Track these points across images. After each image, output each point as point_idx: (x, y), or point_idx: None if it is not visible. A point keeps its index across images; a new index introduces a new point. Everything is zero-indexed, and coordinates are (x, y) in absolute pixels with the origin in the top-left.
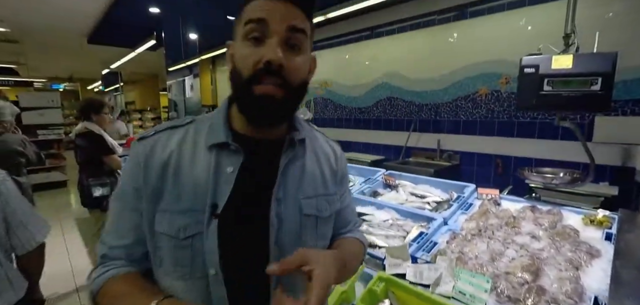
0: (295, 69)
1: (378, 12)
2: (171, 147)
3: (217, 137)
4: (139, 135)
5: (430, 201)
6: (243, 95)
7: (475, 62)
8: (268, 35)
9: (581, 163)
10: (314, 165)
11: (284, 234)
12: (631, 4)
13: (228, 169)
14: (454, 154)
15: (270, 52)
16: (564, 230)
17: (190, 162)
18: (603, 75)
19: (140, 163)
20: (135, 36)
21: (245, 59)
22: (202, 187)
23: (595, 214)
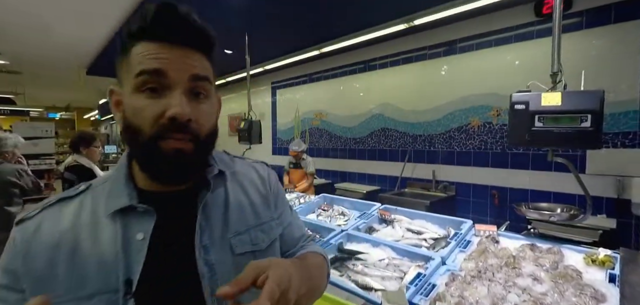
0: (203, 118)
1: (371, 47)
2: (63, 224)
3: (119, 200)
4: (20, 216)
5: (427, 238)
6: (147, 153)
7: (466, 94)
8: (168, 87)
9: (577, 195)
10: (240, 196)
11: (219, 282)
12: (612, 43)
13: (138, 236)
14: (449, 184)
15: (175, 106)
16: (566, 272)
17: (91, 237)
18: (592, 112)
19: (18, 252)
20: None
21: (142, 113)
22: (111, 264)
23: (597, 253)
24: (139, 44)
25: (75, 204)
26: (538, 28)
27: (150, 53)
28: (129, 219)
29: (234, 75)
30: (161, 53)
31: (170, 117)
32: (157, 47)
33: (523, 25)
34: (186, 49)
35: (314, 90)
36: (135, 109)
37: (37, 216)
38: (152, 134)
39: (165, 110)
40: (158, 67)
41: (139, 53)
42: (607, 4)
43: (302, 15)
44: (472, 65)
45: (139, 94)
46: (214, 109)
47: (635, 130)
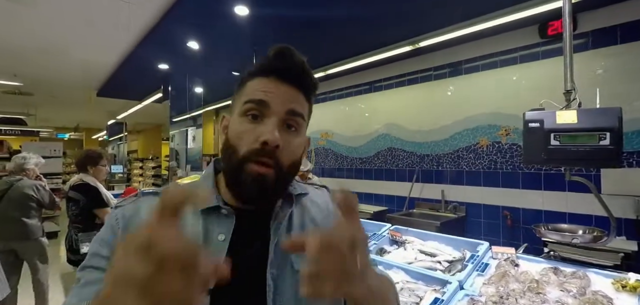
0: (290, 150)
1: (376, 69)
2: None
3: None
4: (118, 202)
5: (441, 260)
6: (235, 171)
7: (473, 114)
8: (267, 115)
9: (593, 215)
10: (304, 216)
11: (281, 296)
12: (619, 63)
13: (219, 237)
14: (459, 205)
15: (268, 132)
16: (596, 298)
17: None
18: (610, 130)
19: (117, 228)
20: (143, 89)
21: (241, 135)
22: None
23: (627, 277)
24: (255, 79)
25: None
26: (543, 49)
27: (260, 87)
28: (211, 220)
29: None
30: (269, 87)
31: (263, 142)
32: (267, 82)
33: (528, 47)
34: (291, 87)
35: (320, 110)
36: (236, 131)
37: (135, 202)
38: (243, 155)
39: (259, 136)
40: (263, 98)
41: (252, 86)
42: (613, 25)
43: (308, 38)
44: (478, 86)
45: (243, 118)
46: (301, 144)
47: None
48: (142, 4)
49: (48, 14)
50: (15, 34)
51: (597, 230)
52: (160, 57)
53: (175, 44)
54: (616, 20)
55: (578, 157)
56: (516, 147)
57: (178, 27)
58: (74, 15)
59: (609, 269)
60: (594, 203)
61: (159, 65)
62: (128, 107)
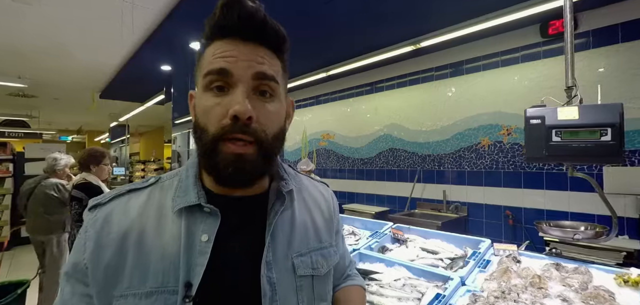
0: (267, 118)
1: (377, 69)
2: (131, 214)
3: (186, 198)
4: (93, 201)
5: (443, 258)
6: (209, 154)
7: (474, 114)
8: (232, 85)
9: (595, 214)
10: (305, 216)
11: (279, 303)
12: (621, 62)
13: (202, 237)
14: (461, 205)
15: (236, 103)
16: (598, 293)
17: (156, 231)
18: (611, 125)
19: (90, 238)
20: (146, 91)
21: (208, 112)
22: (172, 262)
23: (629, 273)
24: (211, 44)
25: (144, 195)
26: (544, 48)
27: (219, 52)
28: (195, 218)
29: None
30: (228, 51)
31: (232, 116)
32: (225, 44)
33: (529, 46)
34: (254, 46)
35: (321, 111)
36: (202, 109)
37: (108, 204)
38: (214, 135)
39: (228, 110)
40: (223, 66)
41: (210, 54)
42: (614, 24)
43: (311, 39)
44: (480, 86)
45: (207, 93)
46: (281, 111)
47: None
48: (145, 5)
49: (52, 16)
50: (19, 35)
51: (599, 226)
52: (163, 58)
53: (177, 45)
54: (617, 20)
55: (579, 153)
56: (518, 147)
57: (181, 28)
58: (78, 16)
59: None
60: (596, 202)
61: (161, 67)
62: (130, 109)
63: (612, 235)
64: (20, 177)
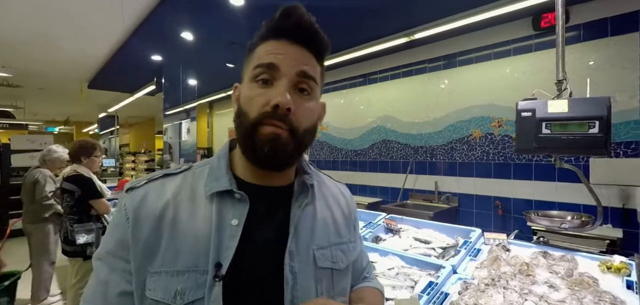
0: (303, 113)
1: (371, 61)
2: (166, 196)
3: (219, 184)
4: (128, 185)
5: (435, 247)
6: (248, 136)
7: (466, 106)
8: (277, 78)
9: (581, 204)
10: (325, 211)
11: (299, 292)
12: (610, 55)
13: (233, 222)
14: (452, 196)
15: (279, 94)
16: (583, 279)
17: (189, 213)
18: (599, 118)
19: (128, 217)
20: (136, 81)
21: (251, 100)
22: (204, 243)
23: (612, 260)
24: (263, 43)
25: (177, 180)
26: (536, 41)
27: (270, 50)
28: (225, 203)
29: None
30: (278, 49)
31: (274, 105)
32: (276, 44)
33: (521, 39)
34: (301, 48)
35: None
36: (247, 97)
37: (144, 186)
38: (255, 119)
39: (270, 99)
40: (271, 61)
41: (261, 50)
42: (603, 18)
43: None
44: (472, 78)
45: (253, 83)
46: (315, 110)
47: (638, 140)
48: None
49: (37, 3)
50: (3, 23)
51: (585, 216)
52: (154, 48)
53: (168, 34)
54: (607, 13)
55: (568, 145)
56: (508, 139)
57: (172, 17)
58: (65, 4)
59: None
60: (582, 192)
61: (151, 57)
62: (120, 99)
63: (597, 224)
64: (7, 169)
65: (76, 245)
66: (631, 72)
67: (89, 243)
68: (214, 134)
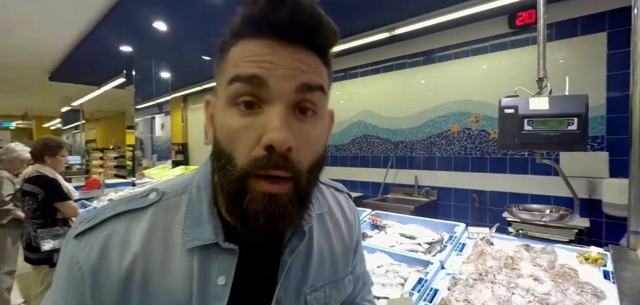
0: (308, 146)
1: (351, 55)
2: (133, 247)
3: (200, 232)
4: (78, 228)
5: (421, 242)
6: (235, 192)
7: (445, 102)
8: (267, 101)
9: (552, 196)
10: (322, 244)
11: None
12: (579, 54)
13: (219, 280)
14: (431, 189)
15: (273, 129)
16: (564, 271)
17: (162, 269)
18: (578, 115)
19: (84, 278)
20: (103, 74)
21: (234, 137)
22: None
23: (589, 251)
24: (240, 42)
25: (147, 220)
26: (512, 39)
27: (249, 54)
28: (209, 255)
29: (211, 82)
30: (264, 55)
31: (268, 146)
32: (260, 46)
33: (498, 36)
34: (298, 49)
35: None
36: (227, 130)
37: (101, 228)
38: (243, 169)
39: (261, 136)
40: (256, 72)
41: (237, 54)
42: (573, 18)
43: None
44: (451, 74)
45: (233, 108)
46: (324, 132)
47: (603, 135)
48: None
49: None
50: None
51: (562, 209)
52: (123, 38)
53: (139, 24)
54: (577, 13)
55: (548, 141)
56: (485, 134)
57: (143, 5)
58: None
59: (572, 244)
60: (553, 184)
61: (121, 48)
62: (85, 92)
63: (574, 216)
64: None
65: (41, 252)
66: (598, 71)
67: (55, 249)
68: (189, 129)
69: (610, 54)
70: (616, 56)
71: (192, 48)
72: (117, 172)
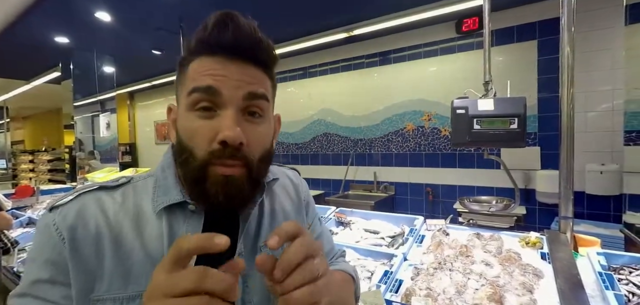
0: (257, 142)
1: (310, 54)
2: (105, 214)
3: (168, 197)
4: (52, 203)
5: (384, 236)
6: (197, 179)
7: (400, 101)
8: (221, 105)
9: (494, 187)
10: (273, 203)
11: (251, 293)
12: (514, 59)
13: None
14: (389, 185)
15: (226, 128)
16: (510, 255)
17: (135, 230)
18: (518, 116)
19: (63, 236)
20: (34, 67)
21: (194, 134)
22: (155, 263)
23: (529, 236)
24: (196, 59)
25: (117, 196)
26: (459, 43)
27: (205, 69)
28: (177, 218)
29: (161, 78)
30: (216, 69)
31: (221, 141)
32: (213, 62)
33: (446, 40)
34: (244, 64)
35: None
36: (188, 130)
37: (74, 201)
38: (203, 160)
39: (217, 133)
40: (211, 84)
41: (195, 69)
42: (510, 26)
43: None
44: (405, 74)
45: (192, 113)
46: (270, 131)
47: (536, 132)
48: None
49: None
50: None
51: (506, 200)
52: (58, 28)
53: (78, 13)
54: (514, 22)
55: (494, 139)
56: (436, 131)
57: None
58: None
59: (512, 230)
60: (496, 177)
61: (56, 38)
62: (11, 87)
63: (516, 204)
64: None
65: None
66: (531, 74)
67: None
68: (137, 129)
69: (540, 59)
70: (544, 62)
71: (140, 42)
72: (51, 176)
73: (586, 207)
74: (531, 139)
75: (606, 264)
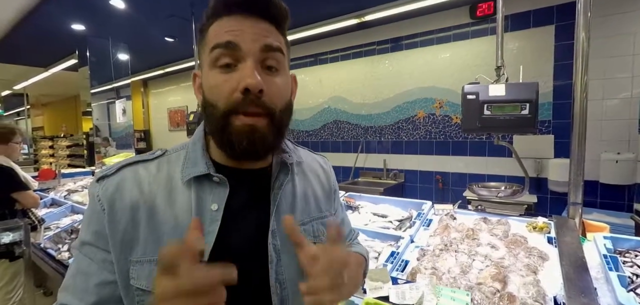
0: (277, 92)
1: (322, 41)
2: (141, 185)
3: (195, 169)
4: (99, 173)
5: (392, 220)
6: (221, 130)
7: (412, 88)
8: (241, 59)
9: (506, 175)
10: (305, 186)
11: (284, 269)
12: (530, 44)
13: (212, 206)
14: (399, 172)
15: (247, 76)
16: (516, 238)
17: (167, 200)
18: (529, 101)
19: (103, 207)
20: (51, 54)
21: (217, 88)
22: (184, 230)
23: (536, 221)
24: (215, 22)
25: (152, 167)
26: (472, 29)
27: (223, 28)
28: (203, 188)
29: (175, 65)
30: (233, 26)
31: (243, 88)
32: (229, 21)
33: (460, 26)
34: (258, 20)
35: None
36: (211, 86)
37: (116, 174)
38: (226, 109)
39: (238, 84)
40: (230, 39)
41: (214, 30)
42: (527, 11)
43: None
44: (417, 61)
45: (214, 69)
46: (288, 84)
47: (550, 119)
48: None
49: None
50: None
51: (515, 185)
52: (75, 16)
53: (94, 1)
54: (531, 6)
55: (505, 125)
56: (448, 119)
57: None
58: None
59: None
60: (507, 165)
61: (72, 26)
62: (30, 75)
63: (525, 191)
64: None
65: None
66: (547, 60)
67: (16, 242)
68: (151, 115)
69: (557, 45)
70: (562, 48)
71: (154, 29)
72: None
73: (599, 196)
74: (545, 127)
75: (612, 247)
